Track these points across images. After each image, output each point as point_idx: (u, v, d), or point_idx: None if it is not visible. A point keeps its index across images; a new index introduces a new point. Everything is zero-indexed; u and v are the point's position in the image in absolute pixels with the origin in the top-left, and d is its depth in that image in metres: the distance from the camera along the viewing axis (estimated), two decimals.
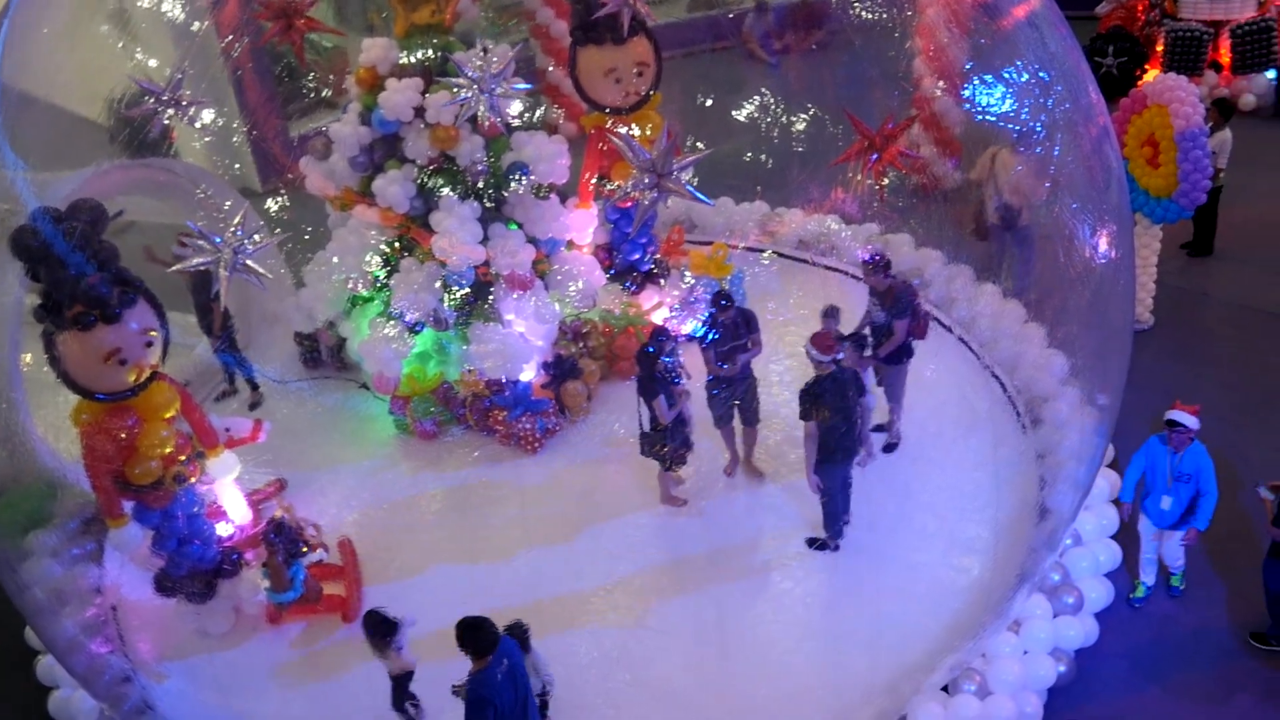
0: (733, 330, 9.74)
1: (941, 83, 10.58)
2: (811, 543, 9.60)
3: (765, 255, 11.65)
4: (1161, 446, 9.06)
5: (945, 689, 8.47)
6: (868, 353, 10.09)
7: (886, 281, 10.00)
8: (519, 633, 7.66)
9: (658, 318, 11.63)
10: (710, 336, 9.68)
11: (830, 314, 9.87)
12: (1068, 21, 9.06)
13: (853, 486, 9.44)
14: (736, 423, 10.22)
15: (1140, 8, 18.23)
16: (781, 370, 11.14)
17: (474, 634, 7.13)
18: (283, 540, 8.88)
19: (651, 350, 9.35)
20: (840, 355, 8.93)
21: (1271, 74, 17.67)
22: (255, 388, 12.03)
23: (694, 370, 9.94)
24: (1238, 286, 13.72)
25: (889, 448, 10.53)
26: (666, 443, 9.66)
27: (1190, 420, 8.90)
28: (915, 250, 12.68)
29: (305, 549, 9.12)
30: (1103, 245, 9.05)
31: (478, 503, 10.47)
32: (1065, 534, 9.45)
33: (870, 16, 10.47)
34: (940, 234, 12.20)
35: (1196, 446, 8.97)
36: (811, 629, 9.00)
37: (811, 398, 8.97)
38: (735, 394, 9.99)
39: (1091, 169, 9.30)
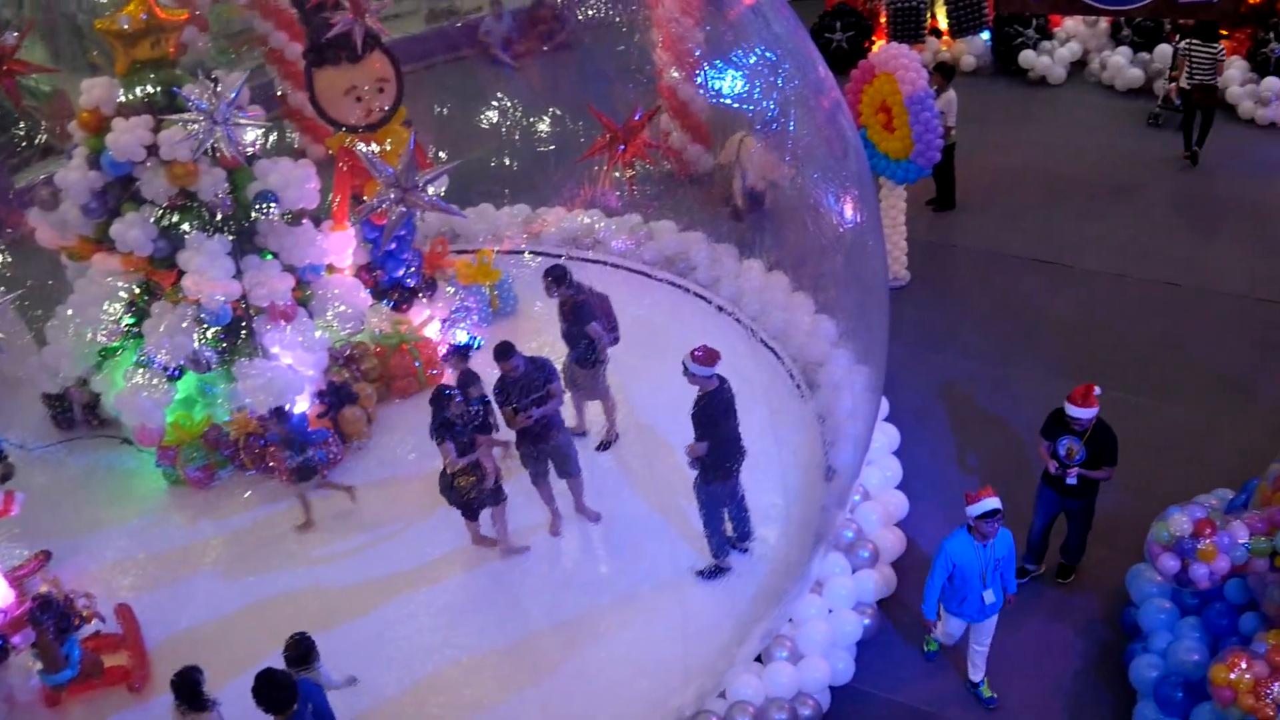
0: (525, 384, 9.16)
1: (680, 72, 10.80)
2: (704, 573, 9.19)
3: (526, 256, 11.60)
4: (969, 543, 8.05)
5: (759, 659, 8.60)
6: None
7: (565, 294, 9.86)
8: (303, 646, 7.31)
9: (430, 331, 11.42)
10: (506, 398, 9.09)
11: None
12: (799, 2, 9.31)
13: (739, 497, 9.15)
14: (553, 478, 9.70)
15: None
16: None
17: (271, 691, 6.77)
18: (51, 616, 8.26)
19: (448, 393, 8.78)
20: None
21: (986, 35, 18.78)
22: (2, 458, 11.15)
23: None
24: (981, 235, 14.52)
25: (603, 445, 10.54)
26: (454, 491, 9.18)
27: (997, 504, 7.91)
28: (679, 234, 12.86)
29: (78, 622, 8.52)
30: (848, 211, 9.38)
31: (262, 544, 10.00)
32: (853, 490, 9.77)
33: (605, 14, 10.56)
34: (700, 216, 12.40)
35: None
36: (623, 623, 8.93)
37: (701, 418, 8.61)
38: (545, 449, 9.44)
39: (829, 140, 9.63)
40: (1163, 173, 15.31)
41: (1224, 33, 17.37)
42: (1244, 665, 7.54)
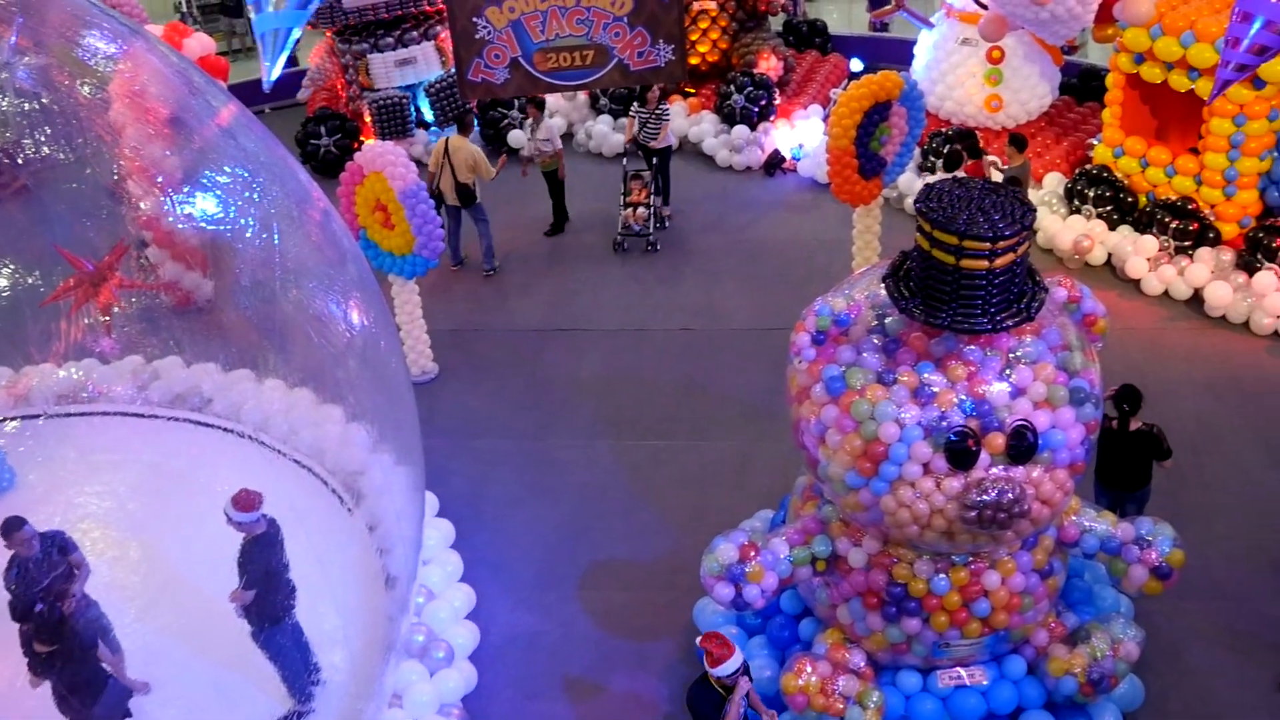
0: (46, 565, 8.11)
1: (154, 202, 10.20)
2: None
3: (6, 422, 10.42)
4: None
5: None
6: None
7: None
8: None
9: None
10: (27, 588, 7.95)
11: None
12: (279, 111, 9.11)
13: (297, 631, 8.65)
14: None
15: (340, 86, 19.08)
16: (79, 537, 10.04)
17: None
18: None
19: (41, 607, 7.62)
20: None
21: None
22: None
23: None
24: (501, 314, 14.87)
25: None
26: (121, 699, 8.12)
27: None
28: (188, 369, 12.13)
29: None
30: (354, 316, 9.27)
31: None
32: (414, 592, 9.61)
33: (63, 154, 9.76)
34: (209, 346, 11.77)
35: None
36: None
37: (248, 564, 8.18)
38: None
39: (321, 248, 9.49)
40: (661, 228, 16.39)
41: (690, 90, 19.05)
42: (809, 669, 8.14)
